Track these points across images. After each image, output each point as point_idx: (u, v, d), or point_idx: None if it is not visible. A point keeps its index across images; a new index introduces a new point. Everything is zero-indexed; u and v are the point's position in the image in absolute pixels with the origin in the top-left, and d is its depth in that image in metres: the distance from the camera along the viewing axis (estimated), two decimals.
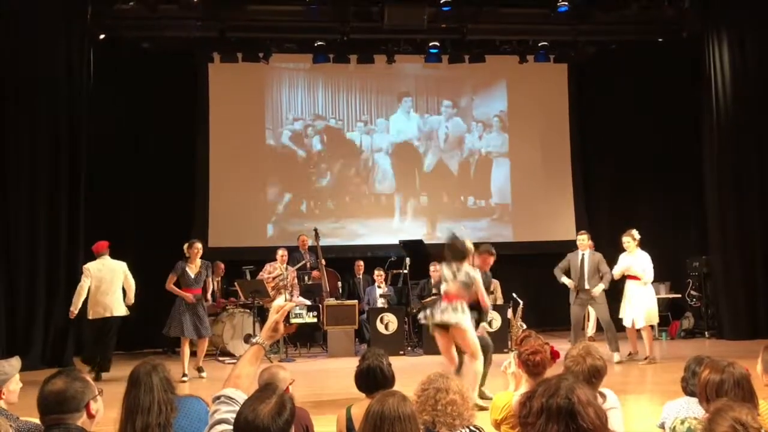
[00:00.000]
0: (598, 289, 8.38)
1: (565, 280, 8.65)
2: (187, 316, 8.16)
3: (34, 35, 9.19)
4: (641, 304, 8.34)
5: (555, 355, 3.39)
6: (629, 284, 8.51)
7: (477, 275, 6.17)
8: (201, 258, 8.48)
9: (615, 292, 8.75)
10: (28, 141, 9.22)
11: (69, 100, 9.54)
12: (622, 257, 8.57)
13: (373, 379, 3.42)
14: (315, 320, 9.54)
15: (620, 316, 8.52)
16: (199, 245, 8.38)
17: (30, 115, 9.24)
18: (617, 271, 8.49)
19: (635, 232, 8.52)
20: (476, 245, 6.67)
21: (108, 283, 8.22)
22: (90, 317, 8.30)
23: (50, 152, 9.34)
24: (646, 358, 8.24)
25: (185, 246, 8.34)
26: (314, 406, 5.52)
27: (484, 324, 6.59)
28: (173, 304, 8.28)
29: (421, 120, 12.36)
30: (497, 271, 10.65)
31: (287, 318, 2.62)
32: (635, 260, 8.42)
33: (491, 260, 6.95)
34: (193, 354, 8.41)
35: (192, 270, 8.27)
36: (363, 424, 2.35)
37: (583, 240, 8.69)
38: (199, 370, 8.32)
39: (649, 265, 8.43)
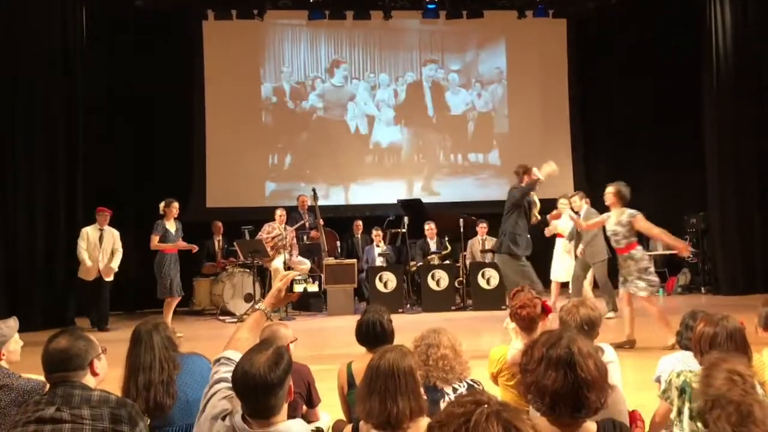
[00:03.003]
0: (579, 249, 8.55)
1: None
2: (174, 275, 8.14)
3: None
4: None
5: (547, 309, 3.41)
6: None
7: None
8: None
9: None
10: (25, 102, 9.15)
11: (63, 59, 9.44)
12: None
13: (372, 333, 3.46)
14: (316, 289, 9.58)
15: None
16: (176, 204, 8.31)
17: (25, 76, 9.15)
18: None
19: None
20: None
21: None
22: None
23: (46, 113, 9.28)
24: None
25: (162, 204, 8.24)
26: (315, 362, 5.58)
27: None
28: (156, 265, 8.16)
29: (420, 77, 12.24)
30: (494, 229, 10.76)
31: (290, 286, 2.64)
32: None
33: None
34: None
35: (171, 227, 8.23)
36: (363, 377, 2.39)
37: (575, 201, 8.66)
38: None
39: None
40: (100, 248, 8.81)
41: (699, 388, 2.13)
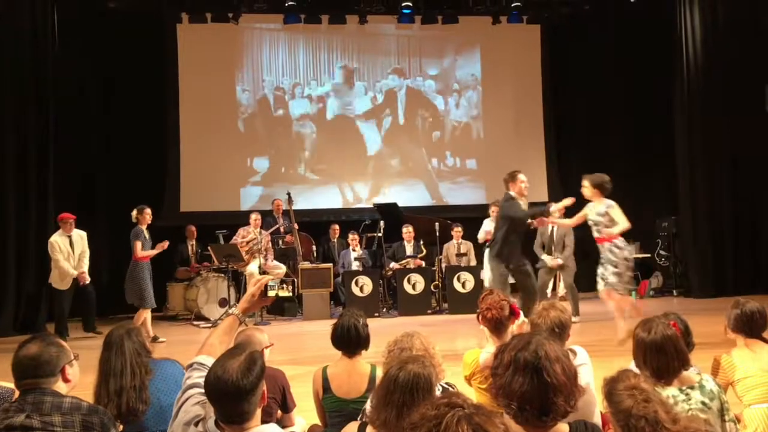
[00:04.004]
0: (555, 260, 8.90)
1: (546, 258, 8.99)
2: (151, 284, 8.00)
3: None
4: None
5: (516, 312, 3.44)
6: None
7: None
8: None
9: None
10: None
11: (34, 61, 9.33)
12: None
13: (347, 337, 3.45)
14: (288, 294, 9.56)
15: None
16: (149, 210, 8.15)
17: None
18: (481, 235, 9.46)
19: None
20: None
21: None
22: None
23: (17, 116, 9.15)
24: None
25: (134, 212, 8.06)
26: (291, 367, 5.56)
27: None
28: (132, 275, 7.97)
29: (397, 83, 12.27)
30: (470, 233, 10.83)
31: (264, 291, 2.62)
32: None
33: None
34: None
35: (146, 234, 8.09)
36: (381, 384, 2.35)
37: (553, 215, 8.90)
38: (155, 338, 8.01)
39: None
40: (74, 254, 8.49)
41: (612, 418, 2.15)
